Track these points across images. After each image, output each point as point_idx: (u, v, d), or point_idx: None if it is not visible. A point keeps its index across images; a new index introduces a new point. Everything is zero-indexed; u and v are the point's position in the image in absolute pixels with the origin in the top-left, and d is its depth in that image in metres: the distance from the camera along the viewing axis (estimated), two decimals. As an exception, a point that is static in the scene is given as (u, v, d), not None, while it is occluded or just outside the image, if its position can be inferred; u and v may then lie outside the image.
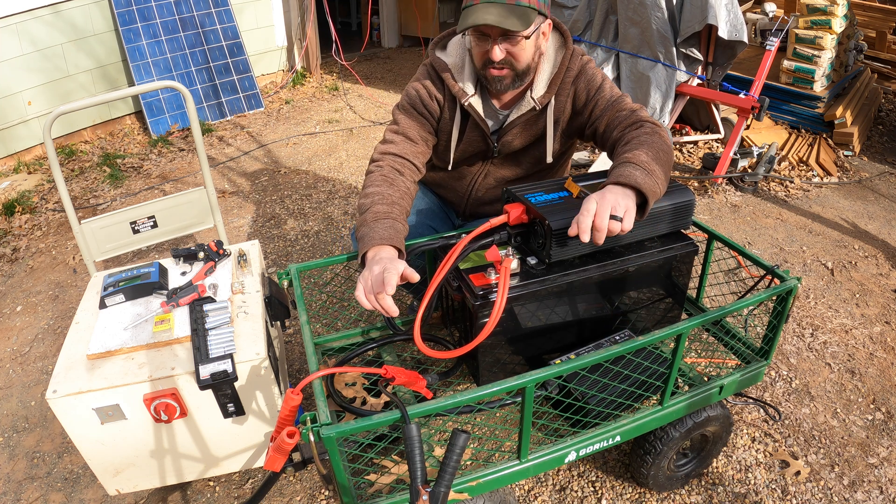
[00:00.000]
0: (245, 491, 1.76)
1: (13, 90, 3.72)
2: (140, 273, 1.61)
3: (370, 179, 1.54)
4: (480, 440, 1.78)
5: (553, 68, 1.58)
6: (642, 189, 1.25)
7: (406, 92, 1.67)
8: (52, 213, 3.33)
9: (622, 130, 1.50)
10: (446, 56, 1.63)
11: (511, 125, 1.63)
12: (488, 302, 1.29)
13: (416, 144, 1.62)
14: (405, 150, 1.60)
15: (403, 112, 1.65)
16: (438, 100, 1.64)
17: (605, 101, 1.56)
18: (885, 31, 5.00)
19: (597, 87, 1.57)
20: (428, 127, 1.66)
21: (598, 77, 1.59)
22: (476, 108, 1.61)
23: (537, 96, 1.57)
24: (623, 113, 1.53)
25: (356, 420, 1.05)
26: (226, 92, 4.59)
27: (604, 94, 1.57)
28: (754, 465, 1.81)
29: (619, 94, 1.57)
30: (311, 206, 3.36)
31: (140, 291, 1.59)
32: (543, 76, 1.58)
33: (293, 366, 2.21)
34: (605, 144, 1.58)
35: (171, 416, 1.42)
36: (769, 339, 1.52)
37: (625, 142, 1.46)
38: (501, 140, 1.67)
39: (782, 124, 4.16)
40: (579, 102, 1.60)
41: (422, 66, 1.68)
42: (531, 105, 1.58)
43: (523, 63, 1.50)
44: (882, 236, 3.00)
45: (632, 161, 1.32)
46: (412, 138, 1.62)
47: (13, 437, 1.98)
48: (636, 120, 1.49)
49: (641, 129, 1.46)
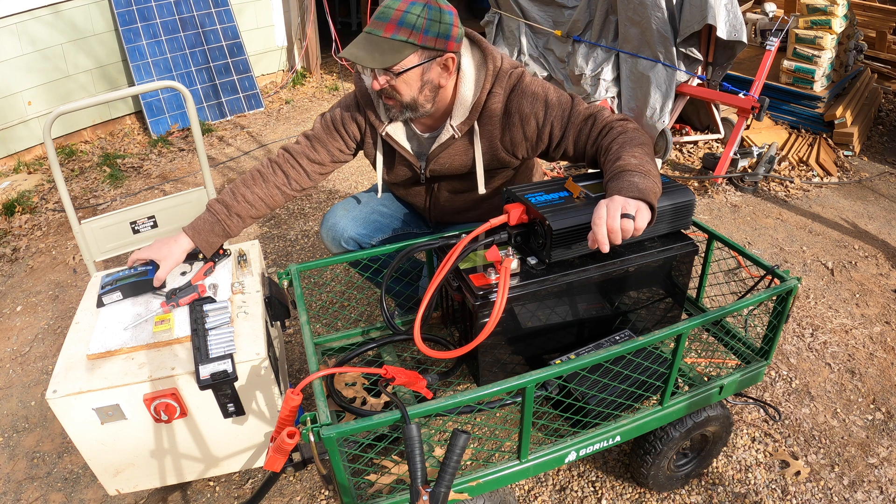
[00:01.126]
0: (245, 491, 1.76)
1: (13, 90, 3.72)
2: (137, 271, 1.61)
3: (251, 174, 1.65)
4: (480, 440, 1.78)
5: (476, 91, 1.50)
6: (647, 196, 1.25)
7: (332, 109, 1.68)
8: (52, 213, 3.33)
9: (594, 143, 1.46)
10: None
11: (436, 154, 1.59)
12: (488, 302, 1.29)
13: (317, 153, 1.66)
14: (302, 153, 1.65)
15: (323, 124, 1.67)
16: (360, 125, 1.64)
17: (560, 120, 1.49)
18: (885, 31, 5.00)
19: (543, 105, 1.49)
20: (340, 145, 1.67)
21: (540, 93, 1.49)
22: (394, 137, 1.60)
23: (456, 124, 1.52)
24: (587, 124, 1.47)
25: (356, 420, 1.05)
26: (226, 92, 4.59)
27: (555, 111, 1.48)
28: (754, 465, 1.81)
29: (568, 102, 1.49)
30: (311, 206, 3.36)
31: (138, 289, 1.59)
32: (464, 101, 1.51)
33: (293, 366, 2.21)
34: (581, 159, 1.54)
35: (171, 416, 1.42)
36: (769, 339, 1.52)
37: (604, 151, 1.42)
38: (430, 167, 1.63)
39: (782, 124, 4.16)
40: (530, 129, 1.51)
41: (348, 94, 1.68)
42: (450, 133, 1.54)
43: (406, 96, 1.46)
44: (882, 236, 3.00)
45: (625, 169, 1.30)
46: (316, 149, 1.66)
47: (13, 437, 1.98)
48: (603, 125, 1.45)
49: (612, 130, 1.43)
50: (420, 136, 1.62)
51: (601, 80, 3.76)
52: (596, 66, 3.79)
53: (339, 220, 1.78)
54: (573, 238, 1.31)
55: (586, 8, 3.80)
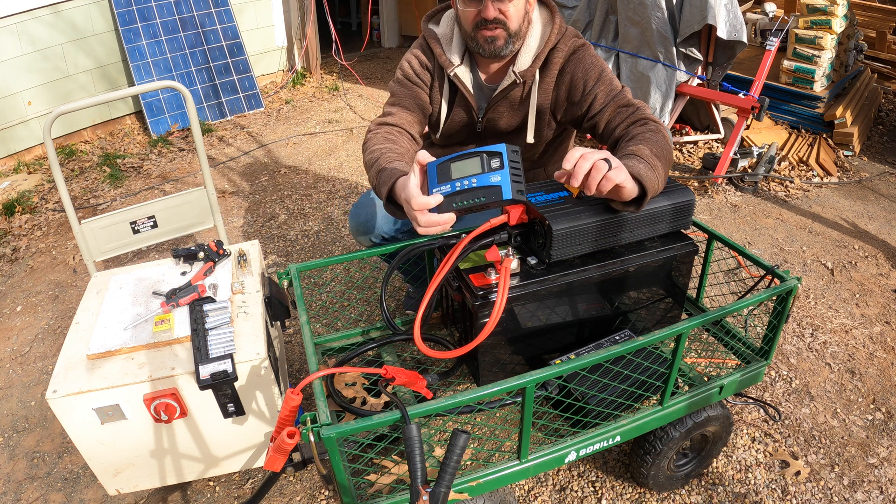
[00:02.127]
0: (245, 491, 1.76)
1: (13, 90, 3.72)
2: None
3: (372, 141, 1.53)
4: (480, 440, 1.78)
5: (540, 43, 1.57)
6: (643, 180, 1.25)
7: (400, 65, 1.69)
8: (52, 213, 3.33)
9: (626, 127, 1.49)
10: (437, 28, 1.66)
11: (495, 102, 1.63)
12: (488, 302, 1.29)
13: (412, 113, 1.64)
14: (401, 119, 1.61)
15: (398, 84, 1.68)
16: (430, 69, 1.66)
17: (605, 95, 1.54)
18: (885, 31, 5.00)
19: (596, 76, 1.55)
20: (423, 95, 1.67)
21: (597, 66, 1.56)
22: (462, 80, 1.62)
23: (520, 70, 1.57)
24: (627, 109, 1.51)
25: (356, 420, 1.05)
26: (226, 92, 4.59)
27: (603, 86, 1.54)
28: (754, 465, 1.81)
29: (619, 88, 1.56)
30: (311, 206, 3.36)
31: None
32: (529, 49, 1.57)
33: (293, 366, 2.21)
34: (605, 140, 1.57)
35: (171, 416, 1.42)
36: (769, 339, 1.52)
37: (629, 137, 1.45)
38: (487, 117, 1.67)
39: (782, 124, 4.16)
40: (576, 92, 1.58)
41: (416, 40, 1.71)
42: (512, 79, 1.57)
43: (515, 22, 1.50)
44: (882, 236, 3.00)
45: (636, 154, 1.32)
46: (408, 107, 1.64)
47: (13, 437, 1.98)
48: (641, 117, 1.49)
49: (646, 126, 1.46)
50: (483, 85, 1.66)
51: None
52: (596, 66, 3.79)
53: (370, 216, 1.82)
54: (573, 238, 1.31)
55: (586, 8, 3.80)
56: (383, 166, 1.40)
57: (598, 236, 1.35)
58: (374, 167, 1.43)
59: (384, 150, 1.46)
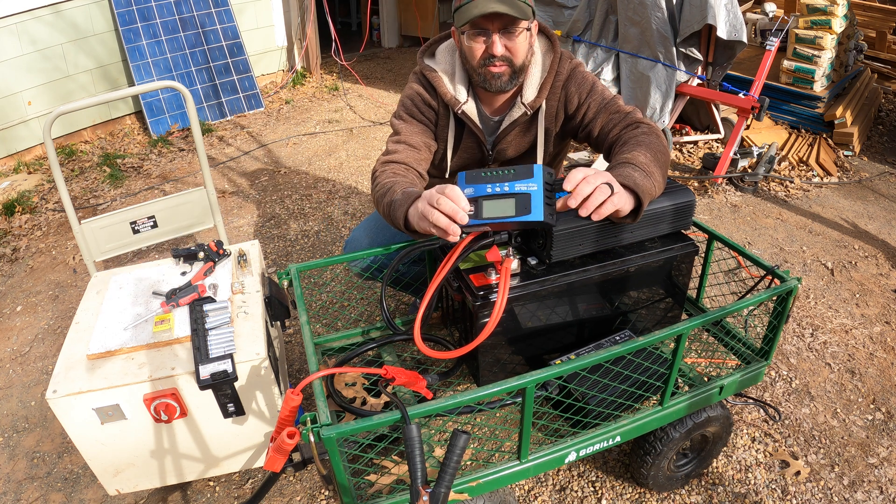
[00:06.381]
0: (245, 491, 1.76)
1: (13, 90, 3.72)
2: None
3: (381, 178, 1.49)
4: (480, 440, 1.78)
5: (543, 72, 1.58)
6: (639, 192, 1.25)
7: (401, 101, 1.67)
8: (52, 213, 3.33)
9: (619, 132, 1.50)
10: (436, 63, 1.62)
11: (505, 133, 1.64)
12: (488, 302, 1.29)
13: (418, 151, 1.60)
14: (408, 157, 1.57)
15: (402, 120, 1.64)
16: (433, 107, 1.64)
17: (597, 104, 1.56)
18: (885, 31, 5.00)
19: (588, 89, 1.58)
20: (428, 132, 1.65)
21: (589, 79, 1.59)
22: (470, 115, 1.61)
23: (528, 101, 1.57)
24: (618, 115, 1.53)
25: (356, 420, 1.05)
26: (226, 92, 4.59)
27: (595, 96, 1.57)
28: (754, 465, 1.81)
29: (611, 96, 1.57)
30: (311, 206, 3.36)
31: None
32: (533, 80, 1.58)
33: (293, 366, 2.21)
34: (600, 146, 1.58)
35: (171, 416, 1.42)
36: (769, 339, 1.52)
37: (622, 142, 1.46)
38: (497, 148, 1.67)
39: (782, 124, 4.16)
40: (571, 106, 1.60)
41: (412, 75, 1.67)
42: (522, 110, 1.58)
43: (520, 59, 1.50)
44: (882, 236, 3.00)
45: (631, 162, 1.32)
46: (414, 145, 1.60)
47: (13, 437, 1.98)
48: (633, 121, 1.50)
49: (638, 129, 1.46)
50: (489, 119, 1.66)
51: (601, 80, 3.76)
52: (596, 66, 3.79)
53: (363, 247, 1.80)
54: (574, 238, 1.31)
55: (586, 8, 3.79)
56: (400, 190, 1.37)
57: (598, 237, 1.35)
58: (387, 195, 1.40)
59: (397, 181, 1.44)
